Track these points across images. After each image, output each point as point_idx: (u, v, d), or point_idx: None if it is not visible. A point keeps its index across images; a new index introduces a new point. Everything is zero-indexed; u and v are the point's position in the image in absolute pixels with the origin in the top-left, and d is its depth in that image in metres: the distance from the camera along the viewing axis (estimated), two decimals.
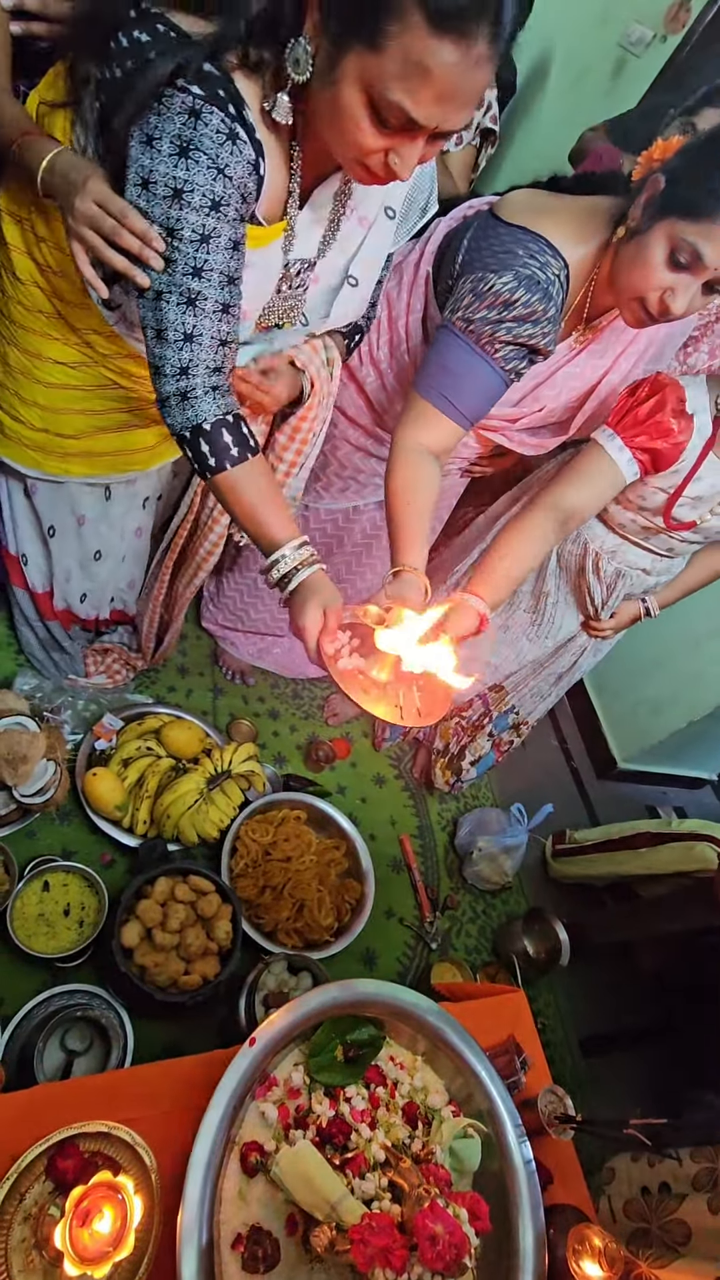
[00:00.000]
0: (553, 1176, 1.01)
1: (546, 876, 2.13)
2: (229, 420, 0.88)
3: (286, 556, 0.89)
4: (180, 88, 0.71)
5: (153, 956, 1.30)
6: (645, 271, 1.00)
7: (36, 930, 1.31)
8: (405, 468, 1.08)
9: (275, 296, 1.00)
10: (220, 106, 0.73)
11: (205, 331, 0.84)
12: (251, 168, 0.79)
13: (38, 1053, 1.15)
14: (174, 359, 0.84)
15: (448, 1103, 0.95)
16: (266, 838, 1.60)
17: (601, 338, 1.21)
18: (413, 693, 0.90)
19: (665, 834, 1.83)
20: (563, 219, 1.07)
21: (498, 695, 1.82)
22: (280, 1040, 0.87)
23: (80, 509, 1.30)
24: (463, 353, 1.07)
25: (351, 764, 2.02)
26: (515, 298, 1.03)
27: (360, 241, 1.01)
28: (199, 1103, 0.79)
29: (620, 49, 2.95)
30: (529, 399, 1.27)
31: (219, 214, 0.78)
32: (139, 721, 1.66)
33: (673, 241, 0.97)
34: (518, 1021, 1.17)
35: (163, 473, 1.38)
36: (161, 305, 0.82)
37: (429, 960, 1.75)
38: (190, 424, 0.87)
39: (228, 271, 0.83)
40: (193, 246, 0.79)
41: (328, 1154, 0.82)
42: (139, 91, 0.72)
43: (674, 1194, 1.01)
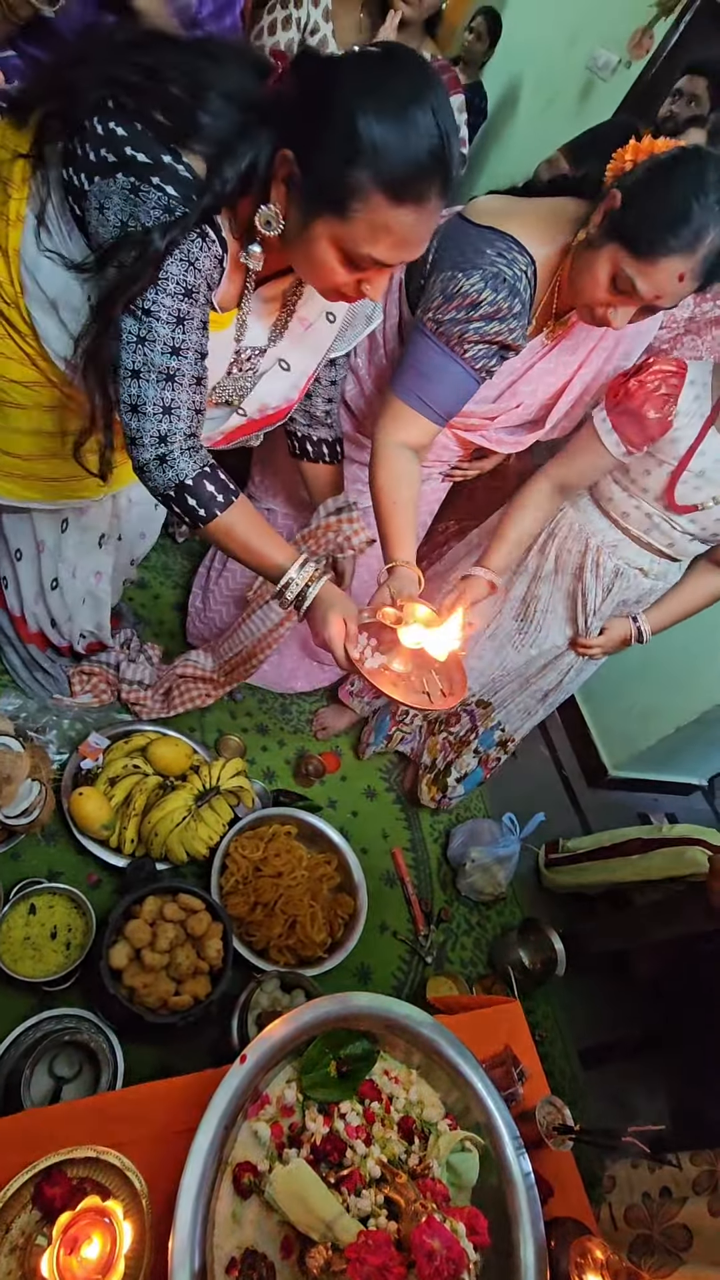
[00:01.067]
0: (553, 1189, 0.99)
1: (541, 886, 2.12)
2: (208, 471, 0.92)
3: (294, 579, 0.95)
4: (156, 185, 0.76)
5: (142, 977, 1.28)
6: (592, 286, 1.06)
7: (23, 954, 1.28)
8: (387, 465, 1.14)
9: (226, 377, 1.07)
10: (191, 209, 0.78)
11: (183, 404, 0.89)
12: (217, 262, 0.86)
13: (25, 1080, 1.12)
14: (152, 430, 0.88)
15: (444, 1116, 0.93)
16: (257, 854, 1.58)
17: (573, 334, 1.25)
18: (434, 678, 0.97)
19: (656, 839, 1.83)
20: (530, 219, 1.11)
21: (484, 711, 1.82)
22: (272, 1056, 0.85)
23: (40, 535, 1.30)
24: (434, 354, 1.12)
25: (341, 778, 2.00)
26: (482, 297, 1.07)
27: (298, 337, 1.09)
28: (190, 1123, 0.78)
29: (588, 73, 3.05)
30: (507, 395, 1.30)
31: (190, 299, 0.84)
32: (125, 739, 1.65)
33: (615, 268, 1.02)
34: (514, 1032, 1.15)
35: (118, 508, 1.36)
36: (140, 382, 0.86)
37: (424, 974, 1.73)
38: (173, 483, 0.91)
39: (200, 349, 0.89)
40: (169, 328, 0.84)
41: (323, 1172, 0.80)
42: (117, 182, 0.76)
43: (675, 1198, 1.00)
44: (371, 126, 0.71)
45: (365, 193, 0.74)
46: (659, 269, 0.99)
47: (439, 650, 0.92)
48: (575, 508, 1.49)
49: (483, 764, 1.94)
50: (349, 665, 0.95)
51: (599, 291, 1.05)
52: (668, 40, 2.67)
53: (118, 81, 0.77)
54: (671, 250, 0.97)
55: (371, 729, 2.01)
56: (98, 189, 0.78)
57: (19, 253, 0.91)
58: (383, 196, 0.74)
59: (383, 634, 0.96)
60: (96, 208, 0.79)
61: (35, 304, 0.95)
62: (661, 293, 1.02)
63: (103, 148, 0.77)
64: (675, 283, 1.00)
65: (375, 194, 0.74)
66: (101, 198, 0.78)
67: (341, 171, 0.74)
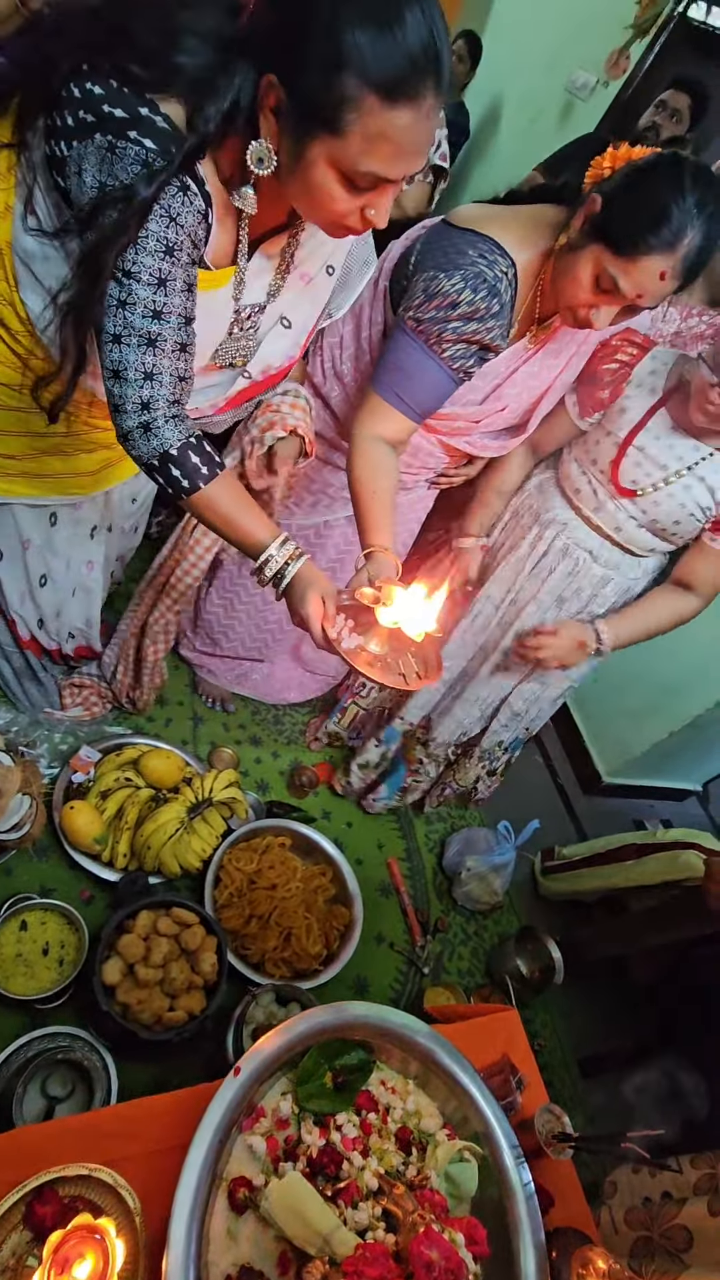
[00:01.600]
0: (553, 1199, 0.98)
1: (537, 894, 2.12)
2: (193, 442, 0.91)
3: (274, 555, 0.94)
4: (133, 140, 0.74)
5: (136, 993, 1.26)
6: (575, 288, 1.08)
7: (14, 971, 1.27)
8: (364, 456, 1.16)
9: (228, 338, 1.05)
10: (170, 161, 0.76)
11: (165, 370, 0.87)
12: (201, 216, 0.83)
13: (16, 1100, 1.10)
14: (134, 396, 0.86)
15: (442, 1126, 0.92)
16: (251, 866, 1.57)
17: (556, 338, 1.28)
18: (409, 659, 0.98)
19: (651, 844, 1.83)
20: (511, 224, 1.13)
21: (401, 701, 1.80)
22: (267, 1068, 0.84)
23: (25, 533, 1.29)
24: (414, 352, 1.15)
25: (335, 789, 2.00)
26: (462, 297, 1.09)
27: (298, 292, 1.08)
28: (184, 1139, 0.76)
29: (567, 94, 3.11)
30: (492, 398, 1.32)
31: (173, 259, 0.82)
32: (117, 753, 1.64)
33: (597, 268, 1.05)
34: (512, 1040, 1.15)
35: (110, 502, 1.37)
36: (121, 347, 0.84)
37: (421, 985, 1.72)
38: (157, 452, 0.89)
39: (184, 313, 0.87)
40: (150, 289, 0.82)
41: (319, 1185, 0.79)
42: (94, 143, 0.75)
43: (675, 1199, 0.99)
44: (357, 28, 0.68)
45: (358, 99, 0.70)
46: (640, 267, 1.01)
47: (415, 630, 0.93)
48: (537, 488, 1.52)
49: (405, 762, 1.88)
50: (326, 644, 0.94)
51: (582, 292, 1.07)
52: (644, 60, 2.74)
53: (90, 45, 0.76)
54: (652, 248, 0.99)
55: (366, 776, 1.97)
56: (76, 152, 0.77)
57: (10, 245, 0.91)
58: (376, 99, 0.70)
59: (360, 616, 0.97)
60: (75, 171, 0.78)
61: (29, 290, 0.94)
62: (643, 291, 1.04)
63: (80, 109, 0.75)
64: (656, 281, 1.02)
65: (368, 97, 0.70)
66: (80, 160, 0.77)
67: (331, 81, 0.70)
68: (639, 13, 2.63)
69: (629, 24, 2.65)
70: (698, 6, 2.57)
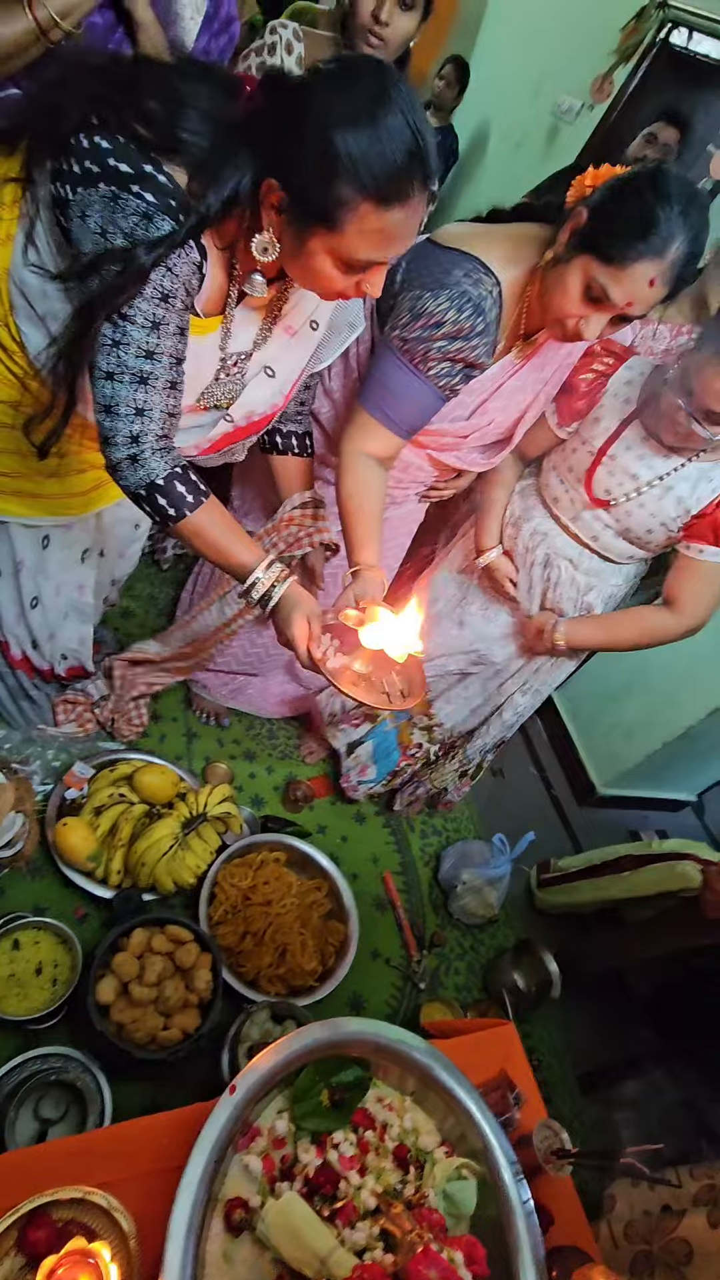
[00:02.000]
0: (553, 1217, 0.97)
1: (533, 907, 2.11)
2: (179, 472, 0.94)
3: (260, 578, 0.97)
4: (135, 194, 0.78)
5: (130, 1012, 1.25)
6: (564, 299, 1.10)
7: (7, 992, 1.25)
8: (352, 473, 1.19)
9: (214, 382, 1.09)
10: (171, 216, 0.80)
11: (155, 406, 0.91)
12: (195, 268, 0.88)
13: (9, 1123, 1.09)
14: (125, 430, 0.90)
15: (440, 1144, 0.91)
16: (246, 882, 1.56)
17: (541, 353, 1.29)
18: (394, 679, 1.00)
19: (647, 855, 1.83)
20: (496, 242, 1.16)
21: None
22: (263, 1086, 0.83)
23: (18, 554, 1.30)
24: (400, 371, 1.17)
25: (330, 802, 1.99)
26: (447, 317, 1.11)
27: (283, 345, 1.12)
28: (178, 1160, 0.75)
29: (553, 118, 3.17)
30: (478, 413, 1.34)
31: (167, 305, 0.87)
32: (111, 768, 1.63)
33: (586, 277, 1.06)
34: (509, 1055, 1.14)
35: (102, 524, 1.38)
36: (114, 384, 0.88)
37: (418, 1001, 1.71)
38: (144, 482, 0.93)
39: (175, 354, 0.91)
40: (144, 332, 0.86)
41: (316, 1205, 0.78)
42: (99, 191, 0.79)
43: (674, 1212, 0.98)
44: (346, 140, 0.75)
45: (353, 204, 0.78)
46: (630, 274, 1.03)
47: (398, 651, 0.94)
48: (519, 493, 1.54)
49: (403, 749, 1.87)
50: (311, 665, 0.97)
51: (572, 303, 1.09)
52: (627, 85, 2.81)
53: (98, 99, 0.80)
54: (642, 255, 1.01)
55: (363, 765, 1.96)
56: (80, 197, 0.81)
57: (8, 272, 0.94)
58: (370, 204, 0.78)
59: (346, 635, 0.99)
60: (79, 215, 0.81)
61: (24, 319, 0.97)
62: (633, 299, 1.05)
63: (87, 159, 0.79)
64: (646, 288, 1.04)
65: (363, 203, 0.78)
66: (83, 205, 0.81)
67: (327, 188, 0.77)
68: (622, 39, 2.70)
69: (613, 50, 2.72)
70: (679, 33, 2.64)
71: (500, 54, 3.50)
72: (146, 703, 1.79)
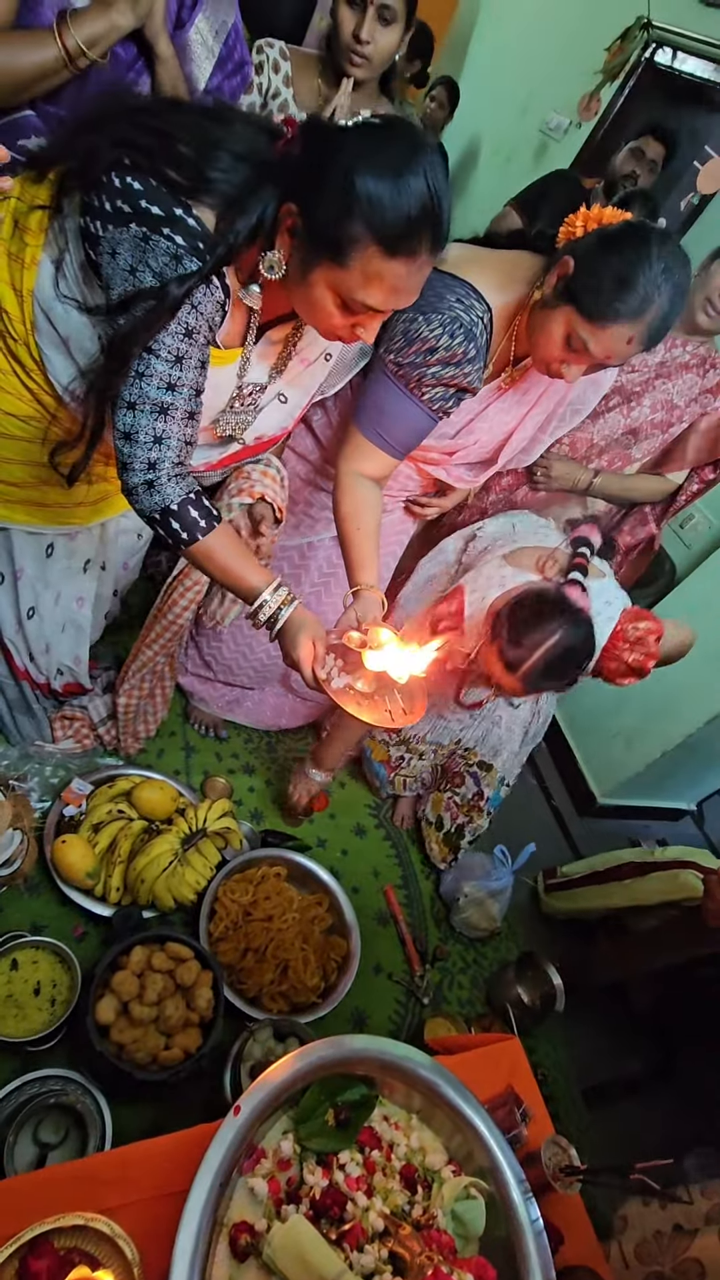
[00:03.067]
0: (563, 1236, 0.96)
1: (537, 919, 2.10)
2: (192, 498, 0.97)
3: (268, 601, 0.99)
4: (166, 235, 0.82)
5: (130, 1032, 1.23)
6: (547, 344, 1.14)
7: (5, 1012, 1.24)
8: (349, 494, 1.22)
9: (228, 409, 1.12)
10: (199, 257, 0.83)
11: (173, 435, 0.93)
12: (219, 306, 0.91)
13: (8, 1148, 1.07)
14: (143, 457, 0.93)
15: (447, 1163, 0.90)
16: (246, 897, 1.55)
17: (527, 378, 1.32)
18: (396, 697, 1.02)
19: (650, 863, 1.83)
20: (488, 269, 1.18)
21: (488, 775, 1.81)
22: (267, 1107, 0.82)
23: (20, 561, 1.30)
24: (394, 394, 1.20)
25: (330, 815, 1.98)
26: (440, 343, 1.14)
27: (297, 374, 1.16)
28: (182, 1184, 0.74)
29: (541, 135, 3.23)
30: (464, 433, 1.36)
31: (190, 340, 0.89)
32: (109, 784, 1.62)
33: (568, 329, 1.11)
34: (515, 1070, 1.13)
35: (106, 535, 1.38)
36: (135, 413, 0.91)
37: (421, 1016, 1.69)
38: (159, 507, 0.96)
39: (196, 386, 0.94)
40: (167, 365, 0.89)
41: (323, 1228, 0.77)
42: (130, 231, 0.82)
43: (686, 1231, 0.96)
44: (368, 183, 0.78)
45: (361, 244, 0.81)
46: (608, 334, 1.07)
47: (400, 673, 0.97)
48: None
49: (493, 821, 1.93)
50: (316, 685, 0.99)
51: (554, 349, 1.13)
52: (614, 103, 2.86)
53: (131, 143, 0.83)
54: (620, 316, 1.05)
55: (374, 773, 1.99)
56: (110, 235, 0.83)
57: (33, 293, 0.97)
58: (377, 248, 0.81)
59: (348, 654, 1.01)
60: (109, 252, 0.84)
61: (46, 340, 1.00)
62: (611, 354, 1.10)
63: (118, 199, 0.82)
64: (624, 345, 1.08)
65: (370, 245, 0.81)
66: (114, 243, 0.84)
67: (340, 222, 0.80)
68: (608, 58, 2.75)
69: (599, 69, 2.77)
70: (664, 52, 2.69)
71: (489, 74, 3.56)
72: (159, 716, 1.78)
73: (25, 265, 0.95)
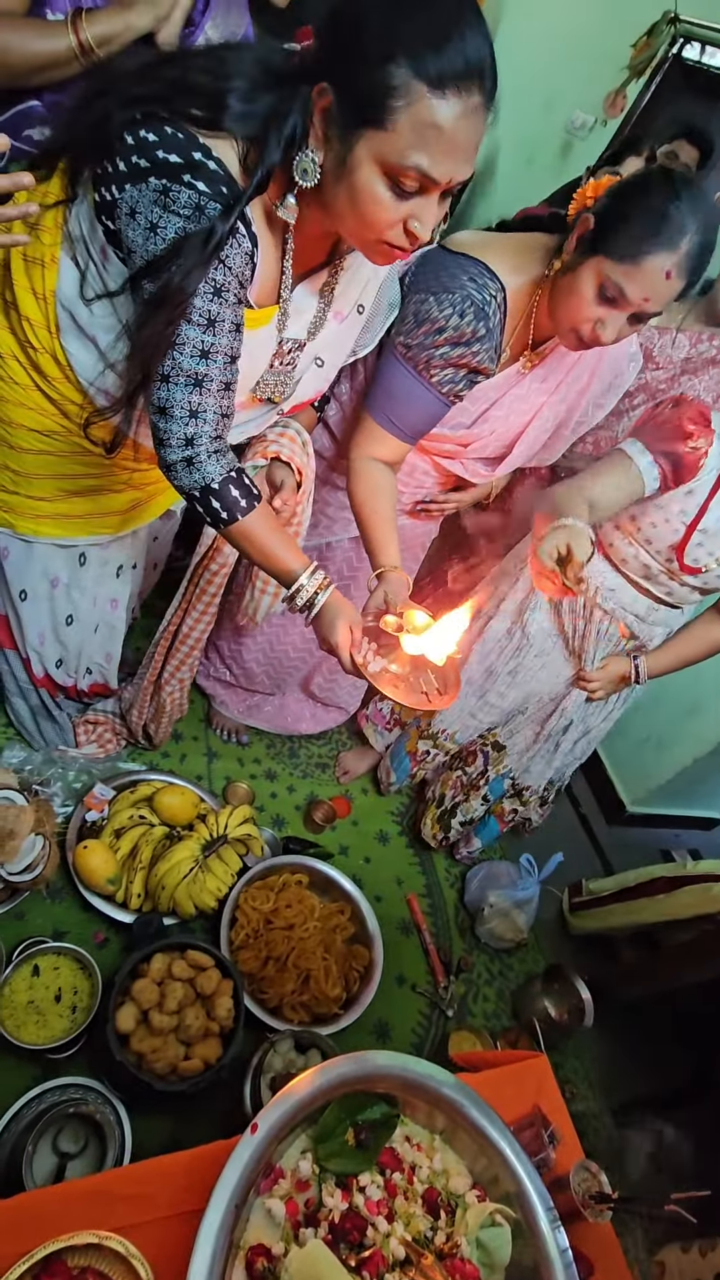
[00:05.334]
0: (593, 1267, 0.92)
1: (564, 931, 2.05)
2: (234, 476, 0.94)
3: (305, 585, 0.98)
4: (187, 183, 0.77)
5: (150, 1041, 1.22)
6: (578, 304, 1.08)
7: (26, 1019, 1.23)
8: (362, 478, 1.21)
9: (268, 372, 1.07)
10: (223, 203, 0.78)
11: (209, 408, 0.90)
12: (248, 258, 0.85)
13: (27, 1157, 1.06)
14: (180, 432, 0.90)
15: (471, 1187, 0.87)
16: (267, 905, 1.53)
17: (546, 363, 1.28)
18: (430, 678, 1.02)
19: (682, 877, 1.77)
20: (503, 250, 1.16)
21: (497, 755, 1.80)
22: (285, 1124, 0.80)
23: (53, 571, 1.30)
24: (404, 378, 1.18)
25: (353, 822, 1.96)
26: (450, 322, 1.12)
27: (333, 332, 1.11)
28: (198, 1202, 0.72)
29: (566, 133, 3.19)
30: (480, 421, 1.33)
31: (221, 299, 0.84)
32: (131, 790, 1.62)
33: (600, 278, 1.05)
34: (542, 1090, 1.09)
35: (137, 540, 1.38)
36: (169, 386, 0.87)
37: (445, 1029, 1.65)
38: (199, 485, 0.93)
39: (231, 352, 0.89)
40: (199, 330, 0.84)
41: (342, 1254, 0.74)
42: (149, 185, 0.77)
43: None
44: (408, 22, 0.70)
45: (406, 87, 0.71)
46: (644, 269, 1.02)
47: (438, 655, 0.97)
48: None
49: (496, 816, 1.90)
50: (354, 669, 0.98)
51: (586, 307, 1.08)
52: (640, 99, 2.81)
53: (141, 98, 0.79)
54: (655, 247, 1.00)
55: (389, 768, 1.97)
56: (128, 195, 0.79)
57: (54, 293, 0.95)
58: (424, 85, 0.71)
59: (381, 637, 1.01)
60: (127, 213, 0.80)
61: (71, 339, 0.98)
62: (650, 294, 1.03)
63: (133, 155, 0.78)
64: (663, 281, 1.02)
65: (416, 85, 0.71)
66: (132, 203, 0.79)
67: (380, 71, 0.71)
68: (634, 54, 2.70)
69: (625, 65, 2.73)
70: (691, 47, 2.64)
71: (511, 72, 3.52)
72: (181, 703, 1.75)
73: (45, 266, 0.94)
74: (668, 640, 1.51)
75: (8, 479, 1.16)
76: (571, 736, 1.72)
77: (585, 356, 1.29)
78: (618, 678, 1.50)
